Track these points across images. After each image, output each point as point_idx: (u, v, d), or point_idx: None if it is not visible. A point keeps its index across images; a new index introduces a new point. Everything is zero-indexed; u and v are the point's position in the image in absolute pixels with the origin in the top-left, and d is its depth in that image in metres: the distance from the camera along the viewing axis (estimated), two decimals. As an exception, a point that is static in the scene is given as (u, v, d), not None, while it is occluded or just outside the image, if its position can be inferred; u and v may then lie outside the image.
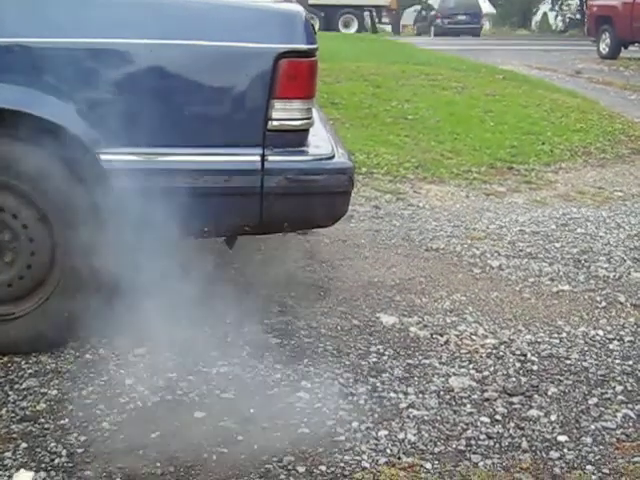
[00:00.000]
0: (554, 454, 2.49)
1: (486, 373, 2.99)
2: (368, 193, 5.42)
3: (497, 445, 2.53)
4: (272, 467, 2.36)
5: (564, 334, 3.34)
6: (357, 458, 2.43)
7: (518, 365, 3.06)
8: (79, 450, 2.42)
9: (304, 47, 2.83)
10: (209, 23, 2.81)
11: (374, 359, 3.06)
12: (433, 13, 29.74)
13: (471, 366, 3.04)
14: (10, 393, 2.72)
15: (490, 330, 3.35)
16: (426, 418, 2.67)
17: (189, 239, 3.16)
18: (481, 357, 3.11)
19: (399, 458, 2.44)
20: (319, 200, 2.95)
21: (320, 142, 3.07)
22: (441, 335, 3.28)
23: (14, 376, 2.83)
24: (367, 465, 2.40)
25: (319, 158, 2.93)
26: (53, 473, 2.30)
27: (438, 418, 2.67)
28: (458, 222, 4.86)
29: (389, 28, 30.06)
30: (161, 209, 2.86)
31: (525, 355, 3.13)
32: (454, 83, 10.62)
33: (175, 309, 3.32)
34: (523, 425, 2.65)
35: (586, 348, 3.22)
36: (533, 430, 2.62)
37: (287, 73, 2.79)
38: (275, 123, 2.82)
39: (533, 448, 2.52)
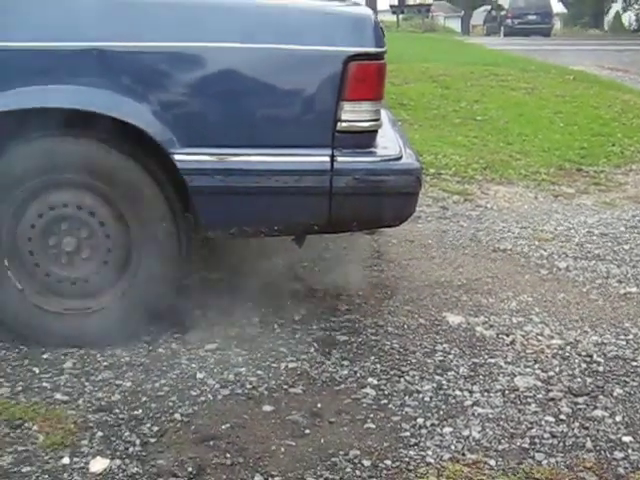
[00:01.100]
0: (618, 454, 2.50)
1: (551, 373, 3.00)
2: (436, 194, 5.45)
3: (561, 444, 2.55)
4: (338, 460, 2.42)
5: (631, 336, 3.33)
6: (422, 453, 2.47)
7: (584, 366, 3.06)
8: (152, 440, 2.51)
9: (373, 50, 2.87)
10: (281, 27, 2.87)
11: (440, 357, 3.10)
12: (503, 13, 29.46)
13: (536, 366, 3.05)
14: (86, 384, 2.83)
15: (556, 331, 3.36)
16: (491, 416, 2.70)
17: (260, 237, 3.23)
18: (547, 357, 3.13)
19: (463, 455, 2.47)
20: (387, 200, 2.99)
21: (388, 143, 3.11)
22: (507, 335, 3.30)
23: (90, 368, 2.94)
24: (432, 460, 2.44)
25: (387, 159, 2.97)
26: (127, 461, 2.39)
27: (503, 416, 2.70)
28: (526, 223, 4.86)
29: (458, 28, 29.97)
30: (233, 208, 2.95)
31: (591, 356, 3.14)
32: (523, 84, 10.57)
33: (245, 306, 3.42)
34: (588, 425, 2.66)
35: (653, 350, 3.21)
36: (598, 430, 2.63)
37: (356, 75, 2.84)
38: (344, 124, 2.87)
39: (597, 448, 2.53)
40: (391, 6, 33.02)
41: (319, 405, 2.73)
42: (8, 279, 3.02)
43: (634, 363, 3.10)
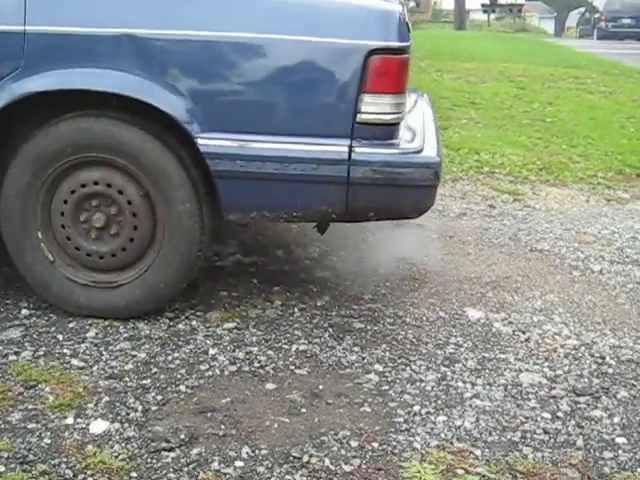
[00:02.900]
0: (608, 454, 2.51)
1: (559, 372, 3.01)
2: (486, 192, 5.46)
3: (552, 440, 2.58)
4: (327, 439, 2.50)
5: (651, 341, 3.32)
6: (410, 439, 2.53)
7: (594, 367, 3.07)
8: (154, 408, 2.63)
9: (396, 44, 2.93)
10: (305, 18, 2.95)
11: (451, 350, 3.14)
12: (597, 16, 28.86)
13: (546, 364, 3.07)
14: (104, 353, 2.97)
15: (575, 332, 3.36)
16: (487, 409, 2.73)
17: (280, 222, 3.32)
18: (558, 356, 3.14)
19: (451, 443, 2.52)
20: (404, 192, 3.05)
21: (411, 136, 3.17)
22: (523, 332, 3.33)
23: (110, 339, 3.08)
24: (418, 446, 2.49)
25: (406, 151, 3.03)
26: (126, 425, 2.52)
27: (499, 410, 2.73)
28: (570, 225, 4.84)
29: (552, 30, 29.49)
30: (253, 193, 3.06)
31: (604, 358, 3.14)
32: (602, 87, 10.45)
33: (271, 290, 3.53)
34: (583, 424, 2.68)
35: (670, 356, 3.20)
36: (592, 430, 2.65)
37: (378, 69, 2.91)
38: (364, 116, 2.94)
39: (588, 447, 2.55)
40: (482, 5, 32.72)
41: (320, 387, 2.81)
42: (41, 251, 3.18)
43: (647, 367, 3.09)
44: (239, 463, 2.37)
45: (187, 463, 2.36)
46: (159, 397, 2.70)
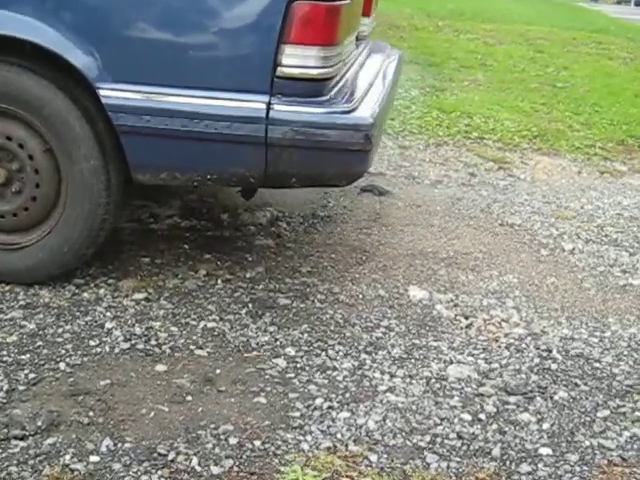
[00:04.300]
0: (525, 467, 2.19)
1: (495, 365, 2.70)
2: (469, 159, 5.10)
3: (464, 447, 2.26)
4: (204, 434, 2.21)
5: (608, 333, 2.98)
6: (300, 438, 2.23)
7: (536, 361, 2.75)
8: (21, 387, 2.35)
9: (323, -11, 2.59)
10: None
11: (379, 334, 2.83)
12: (636, -19, 28.01)
13: (482, 355, 2.75)
14: (-9, 322, 2.70)
15: (526, 319, 3.04)
16: (400, 405, 2.42)
17: (194, 186, 3.02)
18: (499, 347, 2.82)
19: (346, 445, 2.22)
20: (330, 156, 2.72)
21: (347, 95, 2.83)
22: (466, 317, 3.00)
23: (4, 306, 2.80)
24: (306, 447, 2.19)
25: (333, 111, 2.69)
26: (-19, 408, 2.25)
27: (413, 407, 2.42)
28: (553, 198, 4.47)
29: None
30: (161, 152, 2.76)
31: (550, 351, 2.81)
32: (624, 53, 10.01)
33: (201, 258, 3.23)
34: (506, 429, 2.36)
35: (625, 352, 2.86)
36: (515, 436, 2.33)
37: (302, 17, 2.58)
38: (285, 70, 2.62)
39: (504, 457, 2.23)
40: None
41: (217, 371, 2.52)
42: (-60, 206, 2.91)
43: (596, 364, 2.76)
44: (94, 458, 2.08)
45: (35, 455, 2.08)
46: (32, 375, 2.41)
